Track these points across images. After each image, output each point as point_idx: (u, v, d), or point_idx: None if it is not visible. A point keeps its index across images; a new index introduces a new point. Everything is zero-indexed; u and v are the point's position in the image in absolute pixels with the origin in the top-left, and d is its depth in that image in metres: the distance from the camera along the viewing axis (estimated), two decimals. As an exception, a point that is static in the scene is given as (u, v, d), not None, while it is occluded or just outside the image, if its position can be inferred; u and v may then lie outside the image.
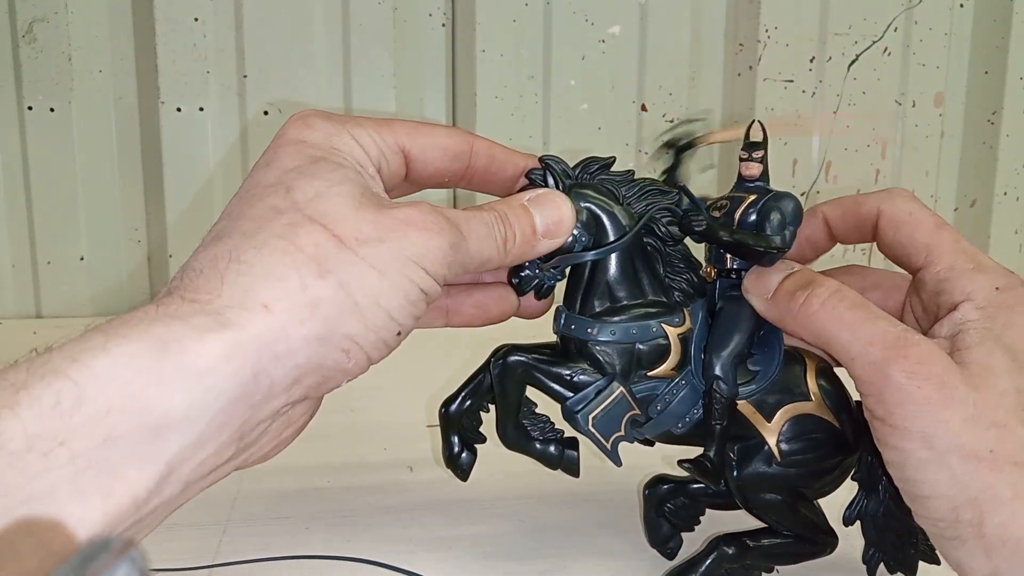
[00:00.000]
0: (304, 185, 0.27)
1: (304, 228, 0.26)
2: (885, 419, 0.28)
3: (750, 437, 0.34)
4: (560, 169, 0.35)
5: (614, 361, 0.34)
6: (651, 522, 0.39)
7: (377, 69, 0.91)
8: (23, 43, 0.86)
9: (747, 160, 0.35)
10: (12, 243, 0.90)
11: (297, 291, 0.25)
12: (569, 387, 0.34)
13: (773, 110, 1.00)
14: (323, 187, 0.27)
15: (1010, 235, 1.09)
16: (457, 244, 0.28)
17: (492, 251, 0.30)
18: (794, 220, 0.34)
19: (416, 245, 0.27)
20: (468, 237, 0.29)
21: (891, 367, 0.28)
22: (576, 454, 0.36)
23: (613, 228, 0.34)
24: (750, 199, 0.35)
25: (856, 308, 0.30)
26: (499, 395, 0.35)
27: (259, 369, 0.24)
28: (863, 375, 0.29)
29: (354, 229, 0.26)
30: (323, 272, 0.25)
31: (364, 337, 0.26)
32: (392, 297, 0.26)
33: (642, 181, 0.36)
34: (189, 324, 0.24)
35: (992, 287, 0.30)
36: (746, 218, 0.34)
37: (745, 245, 0.34)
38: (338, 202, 0.26)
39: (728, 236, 0.34)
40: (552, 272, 0.35)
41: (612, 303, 0.35)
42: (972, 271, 0.31)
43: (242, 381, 0.24)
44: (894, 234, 0.34)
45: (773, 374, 0.34)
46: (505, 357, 0.35)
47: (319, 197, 0.27)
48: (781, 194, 0.35)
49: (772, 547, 0.35)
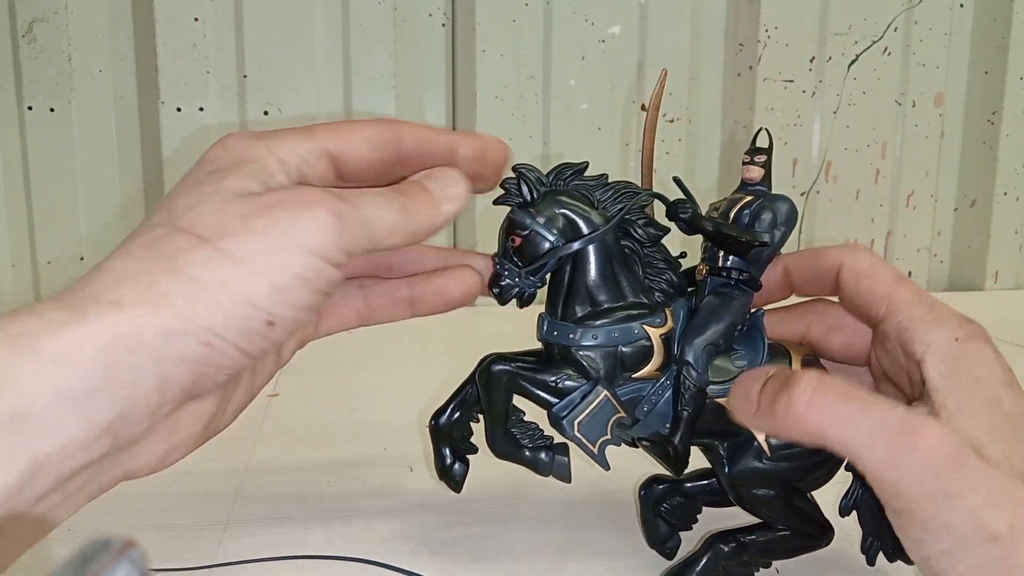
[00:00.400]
0: (181, 200, 0.27)
1: (169, 236, 0.26)
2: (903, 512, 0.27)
3: (739, 433, 0.34)
4: (534, 177, 0.34)
5: (598, 365, 0.34)
6: (648, 522, 0.39)
7: (377, 69, 0.91)
8: (23, 43, 0.86)
9: (749, 164, 0.36)
10: (12, 243, 0.90)
11: (146, 287, 0.25)
12: (554, 393, 0.34)
13: (773, 110, 1.00)
14: (199, 197, 0.27)
15: (1010, 235, 1.09)
16: (342, 213, 0.27)
17: (393, 216, 0.29)
18: (786, 222, 0.34)
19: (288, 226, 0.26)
20: (359, 204, 0.28)
21: (904, 462, 0.26)
22: (567, 460, 0.36)
23: (589, 231, 0.34)
24: (746, 200, 0.35)
25: (845, 400, 0.27)
26: (486, 405, 0.35)
27: (116, 359, 0.24)
28: (875, 473, 0.27)
29: (218, 225, 0.26)
30: (175, 268, 0.25)
31: (225, 328, 0.26)
32: (253, 285, 0.26)
33: (616, 184, 0.35)
34: (42, 318, 0.24)
35: (951, 338, 0.30)
36: (740, 218, 0.35)
37: (729, 236, 0.34)
38: (209, 206, 0.26)
39: (711, 226, 0.34)
40: (532, 280, 0.35)
41: (593, 307, 0.35)
42: (931, 322, 0.31)
43: (99, 370, 0.24)
44: (855, 285, 0.34)
45: None
46: (490, 367, 0.35)
47: (192, 207, 0.27)
48: (776, 196, 0.35)
49: (768, 542, 0.35)
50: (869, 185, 1.04)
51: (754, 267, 0.35)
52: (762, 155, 0.36)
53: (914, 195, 1.06)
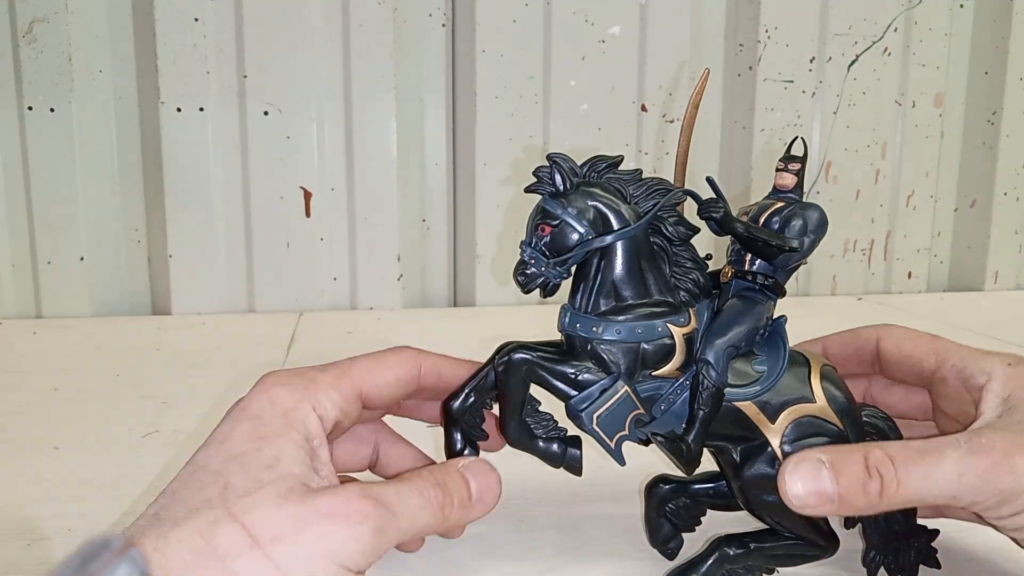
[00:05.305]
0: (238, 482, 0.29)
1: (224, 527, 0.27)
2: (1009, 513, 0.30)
3: (753, 438, 0.34)
4: (568, 167, 0.34)
5: (619, 360, 0.34)
6: (652, 522, 0.39)
7: (377, 69, 0.91)
8: (23, 43, 0.86)
9: (783, 171, 0.36)
10: (12, 243, 0.90)
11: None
12: (573, 385, 0.34)
13: (773, 110, 1.00)
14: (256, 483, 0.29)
15: (1010, 235, 1.09)
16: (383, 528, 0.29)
17: (429, 519, 0.31)
18: (816, 230, 0.34)
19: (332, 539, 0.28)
20: (399, 514, 0.30)
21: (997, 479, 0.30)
22: (579, 453, 0.36)
23: (619, 225, 0.34)
24: (777, 206, 0.35)
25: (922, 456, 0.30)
26: (503, 392, 0.35)
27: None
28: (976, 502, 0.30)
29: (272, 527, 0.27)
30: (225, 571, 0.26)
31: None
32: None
33: (649, 180, 0.35)
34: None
35: (1005, 364, 0.35)
36: (770, 223, 0.35)
37: (759, 239, 0.34)
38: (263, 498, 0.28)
39: (743, 229, 0.34)
40: (558, 270, 0.35)
41: (618, 302, 0.35)
42: (982, 356, 0.35)
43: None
44: (898, 352, 0.38)
45: (778, 376, 0.35)
46: (510, 354, 0.35)
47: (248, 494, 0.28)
48: (808, 204, 0.35)
49: (774, 548, 0.35)
50: (869, 185, 1.04)
51: (780, 273, 0.35)
52: (796, 163, 0.36)
53: (914, 195, 1.06)
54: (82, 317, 0.90)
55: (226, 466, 0.29)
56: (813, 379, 0.35)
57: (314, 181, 0.93)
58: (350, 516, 0.28)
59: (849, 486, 0.30)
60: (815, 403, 0.34)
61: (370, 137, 0.93)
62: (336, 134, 0.92)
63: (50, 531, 0.41)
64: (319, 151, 0.92)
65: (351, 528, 0.28)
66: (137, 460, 0.50)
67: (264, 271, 0.93)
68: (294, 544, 0.27)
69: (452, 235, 0.99)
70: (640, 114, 0.98)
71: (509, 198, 0.96)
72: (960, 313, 0.94)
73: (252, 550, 0.27)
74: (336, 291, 0.95)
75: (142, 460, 0.50)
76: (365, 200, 0.93)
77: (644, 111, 0.98)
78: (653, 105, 0.98)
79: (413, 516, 0.30)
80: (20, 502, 0.45)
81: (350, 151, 0.93)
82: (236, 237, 0.93)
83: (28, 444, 0.53)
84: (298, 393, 0.32)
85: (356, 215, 0.94)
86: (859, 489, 0.30)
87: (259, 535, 0.27)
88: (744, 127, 1.00)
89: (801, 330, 0.39)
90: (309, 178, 0.93)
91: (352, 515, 0.28)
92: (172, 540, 0.27)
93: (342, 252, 0.94)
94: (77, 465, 0.50)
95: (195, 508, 0.28)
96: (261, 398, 0.32)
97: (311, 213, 0.93)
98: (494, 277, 0.95)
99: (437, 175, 0.98)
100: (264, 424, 0.31)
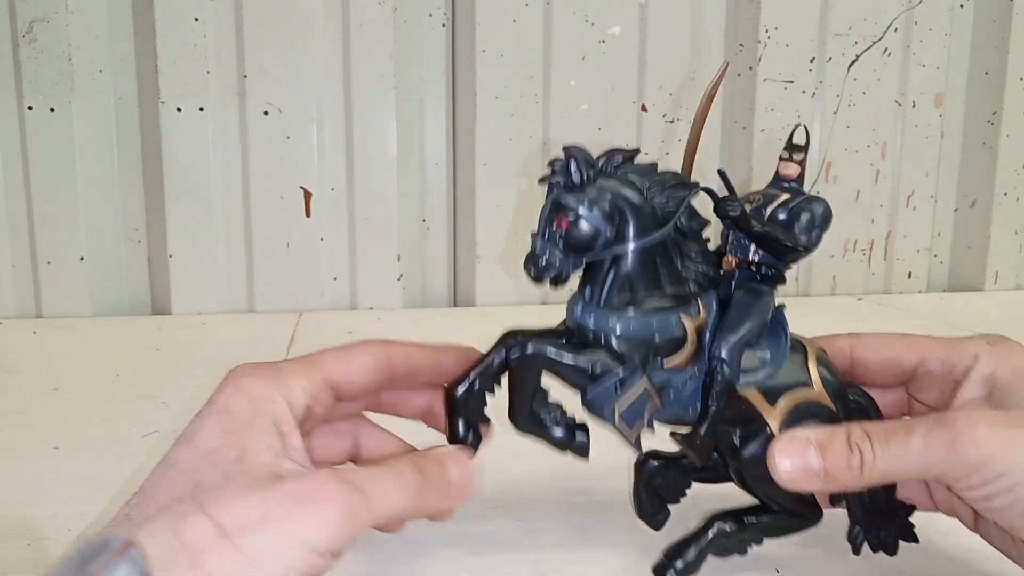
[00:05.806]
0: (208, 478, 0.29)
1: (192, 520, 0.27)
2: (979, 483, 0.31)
3: (753, 421, 0.35)
4: (583, 159, 0.34)
5: (632, 352, 0.34)
6: (639, 496, 0.40)
7: (377, 69, 0.91)
8: (23, 43, 0.86)
9: (787, 160, 0.37)
10: (12, 243, 0.90)
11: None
12: (589, 378, 0.34)
13: (773, 110, 1.00)
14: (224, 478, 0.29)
15: (1010, 235, 1.09)
16: (354, 511, 0.29)
17: (405, 501, 0.31)
18: (823, 224, 0.35)
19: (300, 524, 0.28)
20: (373, 496, 0.29)
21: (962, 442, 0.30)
22: (587, 438, 0.36)
23: (635, 220, 0.34)
24: (783, 198, 0.36)
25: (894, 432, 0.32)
26: (516, 382, 0.35)
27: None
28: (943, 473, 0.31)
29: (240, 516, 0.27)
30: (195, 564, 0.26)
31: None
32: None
33: (665, 175, 0.35)
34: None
35: (985, 343, 0.36)
36: (776, 215, 0.36)
37: (774, 238, 0.35)
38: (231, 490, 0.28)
39: (759, 227, 0.35)
40: (572, 262, 0.34)
41: (631, 294, 0.35)
42: (963, 342, 0.37)
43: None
44: (876, 356, 0.39)
45: (781, 362, 0.36)
46: (524, 345, 0.35)
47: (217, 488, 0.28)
48: (814, 198, 0.36)
49: (766, 522, 0.37)
50: (869, 185, 1.04)
51: (782, 263, 0.36)
52: (801, 152, 0.36)
53: (914, 195, 1.06)
54: (82, 317, 0.90)
55: (196, 464, 0.29)
56: (810, 364, 0.36)
57: (314, 181, 0.93)
58: (318, 500, 0.28)
59: (835, 462, 0.32)
60: (813, 388, 0.36)
61: (370, 137, 0.93)
62: (336, 134, 0.92)
63: (50, 531, 0.41)
64: (319, 151, 0.92)
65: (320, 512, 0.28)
66: (137, 460, 0.50)
67: (264, 271, 0.93)
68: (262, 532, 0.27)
69: (452, 235, 0.99)
70: (640, 114, 0.98)
71: (510, 197, 0.96)
72: (960, 313, 0.95)
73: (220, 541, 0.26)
74: (336, 291, 0.95)
75: (142, 460, 0.50)
76: (365, 200, 0.93)
77: (644, 111, 0.98)
78: (653, 105, 0.98)
79: (388, 499, 0.30)
80: (20, 502, 0.45)
81: (350, 151, 0.93)
82: (236, 237, 0.93)
83: (28, 444, 0.53)
84: (266, 381, 0.32)
85: (356, 215, 0.94)
86: (844, 464, 0.32)
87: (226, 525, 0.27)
88: (744, 127, 1.00)
89: (801, 330, 0.39)
90: (309, 178, 0.93)
91: (320, 499, 0.28)
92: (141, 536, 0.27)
93: (342, 252, 0.94)
94: (77, 465, 0.50)
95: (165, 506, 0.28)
96: (228, 389, 0.32)
97: (311, 213, 0.93)
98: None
99: (437, 175, 0.98)
100: (233, 417, 0.31)
